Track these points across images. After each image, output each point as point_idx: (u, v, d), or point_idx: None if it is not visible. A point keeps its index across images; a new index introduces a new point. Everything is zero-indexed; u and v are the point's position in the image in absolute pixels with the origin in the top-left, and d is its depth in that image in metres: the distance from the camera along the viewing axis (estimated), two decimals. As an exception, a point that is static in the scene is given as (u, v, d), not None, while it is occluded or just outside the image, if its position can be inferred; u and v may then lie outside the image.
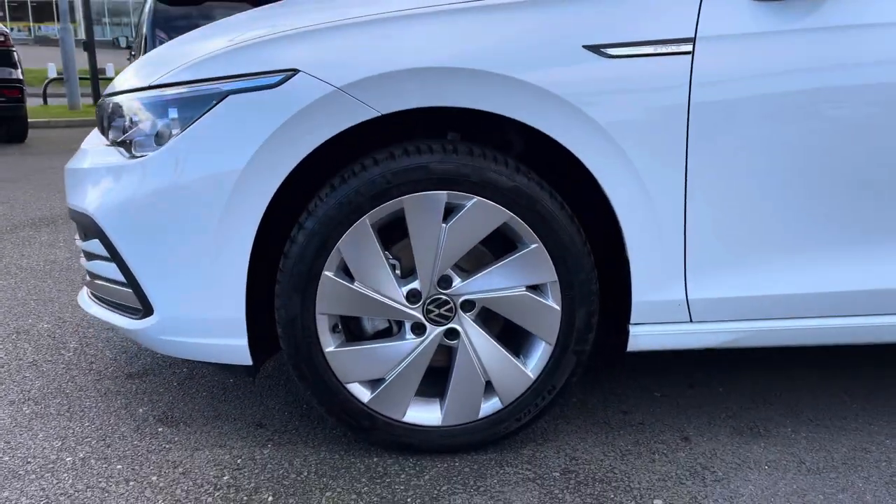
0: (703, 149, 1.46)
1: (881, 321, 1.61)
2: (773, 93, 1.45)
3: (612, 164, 1.46)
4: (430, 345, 1.57)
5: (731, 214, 1.51)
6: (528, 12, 1.47)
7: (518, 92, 1.43)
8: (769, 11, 1.45)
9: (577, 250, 1.53)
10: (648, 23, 1.45)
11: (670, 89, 1.44)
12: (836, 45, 1.45)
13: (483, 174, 1.47)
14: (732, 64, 1.44)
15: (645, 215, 1.50)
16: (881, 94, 1.46)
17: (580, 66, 1.43)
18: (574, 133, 1.45)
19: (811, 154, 1.48)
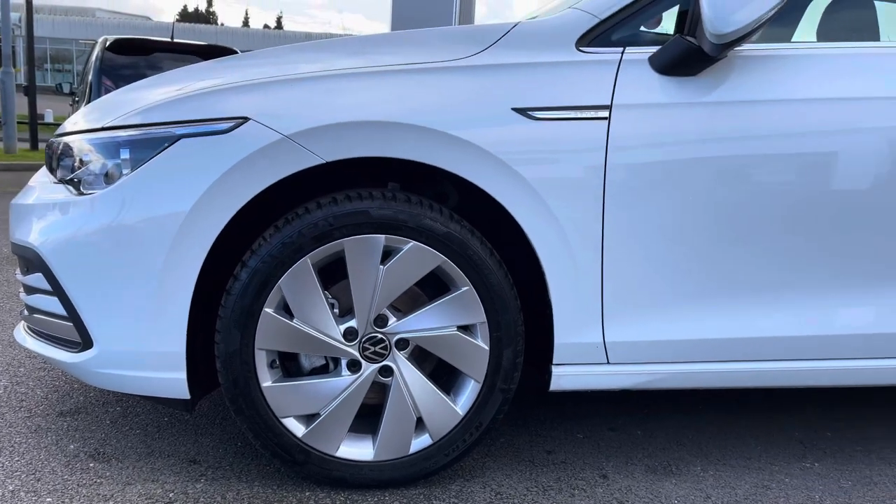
0: (618, 205, 1.62)
1: (777, 366, 1.77)
2: (678, 157, 1.62)
3: (537, 215, 1.60)
4: (364, 381, 1.65)
5: (643, 264, 1.66)
6: (464, 76, 1.62)
7: (453, 147, 1.56)
8: (677, 85, 1.64)
9: (504, 294, 1.64)
10: (571, 90, 1.61)
11: (589, 150, 1.60)
12: (734, 117, 1.64)
13: (419, 221, 1.59)
14: (643, 130, 1.62)
15: (566, 264, 1.63)
16: (771, 164, 1.65)
17: (509, 127, 1.58)
18: (503, 186, 1.59)
19: (711, 212, 1.65)
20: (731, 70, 1.66)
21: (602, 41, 1.68)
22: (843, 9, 2.49)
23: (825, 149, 1.67)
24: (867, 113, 1.68)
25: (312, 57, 1.79)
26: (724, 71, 1.66)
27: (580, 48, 1.66)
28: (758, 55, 1.69)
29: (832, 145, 1.67)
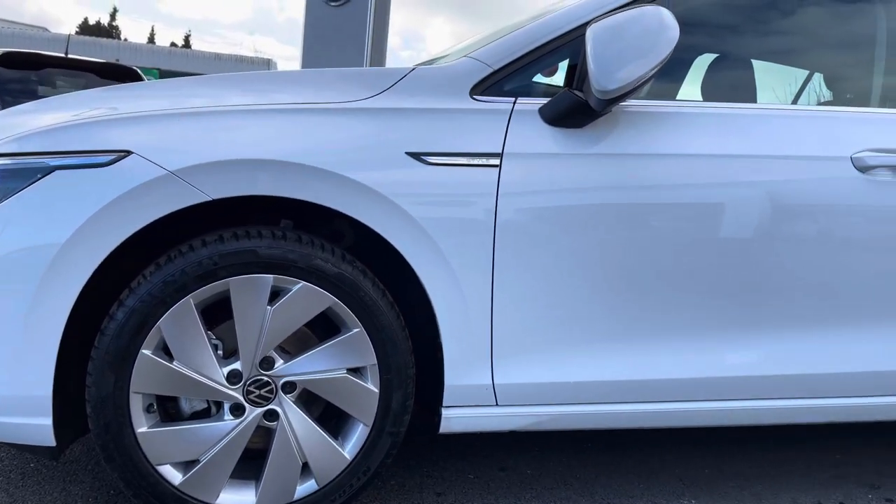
0: (508, 250, 1.65)
1: (660, 408, 1.84)
2: (565, 205, 1.68)
3: (429, 258, 1.61)
4: (248, 426, 1.59)
5: (532, 308, 1.69)
6: (358, 118, 1.62)
7: (345, 188, 1.55)
8: (564, 136, 1.70)
9: (395, 336, 1.64)
10: (464, 137, 1.64)
11: (481, 196, 1.63)
12: (617, 169, 1.72)
13: (309, 261, 1.56)
14: (532, 178, 1.66)
15: (457, 307, 1.65)
16: (652, 214, 1.73)
17: (403, 170, 1.59)
18: (395, 228, 1.59)
19: (596, 258, 1.71)
20: (617, 124, 1.74)
21: (495, 90, 1.73)
22: (723, 69, 2.66)
23: (703, 201, 1.76)
24: (742, 169, 1.79)
25: (208, 91, 1.75)
26: (610, 124, 1.74)
27: (474, 96, 1.71)
28: (642, 111, 1.79)
29: (710, 198, 1.77)
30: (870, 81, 2.10)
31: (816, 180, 1.84)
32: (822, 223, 1.84)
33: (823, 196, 1.84)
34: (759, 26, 2.28)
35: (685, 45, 2.60)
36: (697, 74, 2.63)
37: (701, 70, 2.62)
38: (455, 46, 2.47)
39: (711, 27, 2.25)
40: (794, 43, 2.30)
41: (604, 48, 1.61)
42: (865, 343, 1.93)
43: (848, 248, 1.86)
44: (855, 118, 1.94)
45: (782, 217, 1.81)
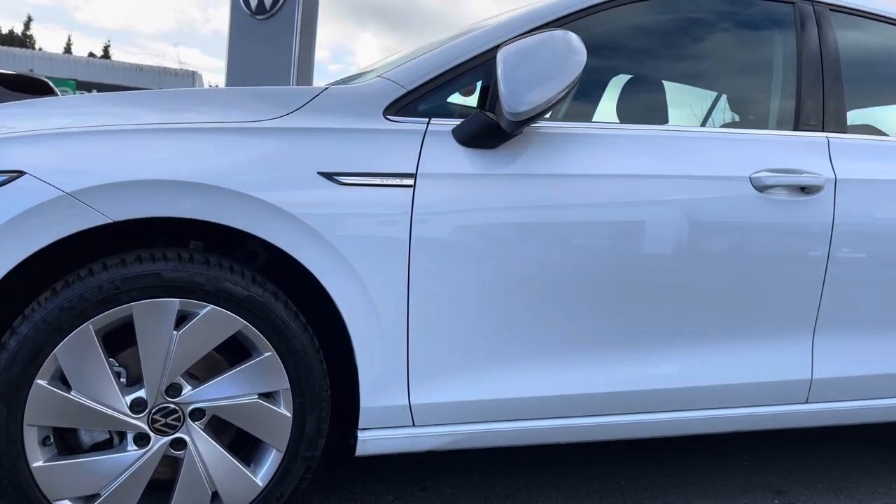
0: (423, 270, 1.65)
1: (577, 423, 1.87)
2: (478, 225, 1.69)
3: (343, 279, 1.60)
4: (153, 456, 1.53)
5: (448, 328, 1.70)
6: (269, 137, 1.60)
7: (255, 209, 1.52)
8: (478, 157, 1.72)
9: (309, 359, 1.61)
10: (378, 157, 1.64)
11: (395, 216, 1.63)
12: (529, 189, 1.74)
13: (218, 283, 1.52)
14: (446, 198, 1.67)
15: (372, 328, 1.63)
16: (564, 233, 1.77)
17: (315, 191, 1.57)
18: (308, 250, 1.57)
19: (510, 277, 1.73)
20: (528, 145, 1.77)
21: (409, 111, 1.73)
22: (636, 91, 2.75)
23: (614, 219, 1.81)
24: (651, 189, 1.85)
25: (114, 110, 1.69)
26: (522, 145, 1.77)
27: (387, 117, 1.71)
28: (554, 132, 1.83)
29: (620, 216, 1.82)
30: (768, 104, 2.21)
31: (719, 199, 1.92)
32: (725, 240, 1.92)
33: (726, 214, 1.92)
34: (670, 50, 2.37)
35: (600, 67, 2.69)
36: (613, 94, 2.71)
37: (616, 90, 2.71)
38: (384, 61, 2.47)
39: (625, 50, 2.33)
40: (701, 66, 2.41)
41: (514, 71, 1.64)
42: (770, 354, 2.02)
43: (750, 263, 1.95)
44: (754, 139, 2.04)
45: (689, 235, 1.88)
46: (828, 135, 2.13)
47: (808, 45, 2.18)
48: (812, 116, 2.13)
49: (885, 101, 2.59)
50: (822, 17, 2.23)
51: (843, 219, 2.03)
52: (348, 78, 2.27)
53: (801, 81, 2.15)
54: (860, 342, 2.11)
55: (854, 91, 2.32)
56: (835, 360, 2.09)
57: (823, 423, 2.16)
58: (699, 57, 2.37)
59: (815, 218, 2.00)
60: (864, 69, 2.42)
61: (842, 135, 2.15)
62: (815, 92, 2.15)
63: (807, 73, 2.15)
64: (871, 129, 2.55)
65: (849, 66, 2.28)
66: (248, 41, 12.52)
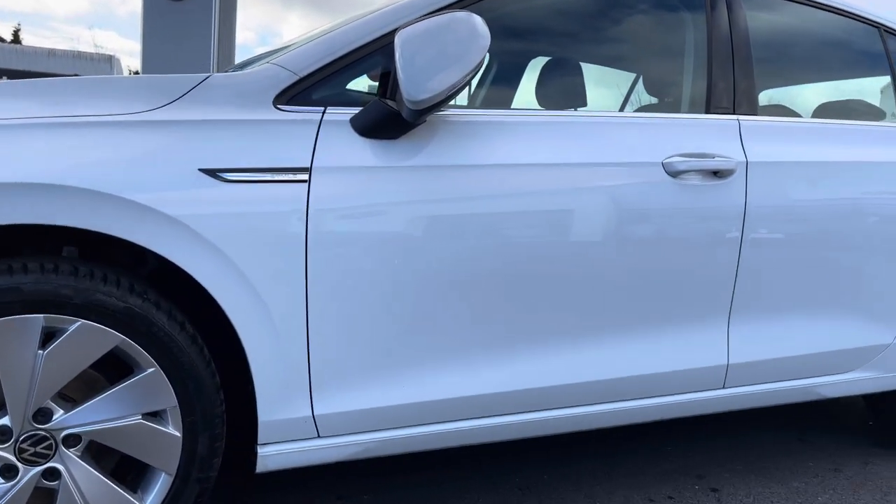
0: (322, 271, 1.54)
1: (490, 423, 1.80)
2: (380, 220, 1.58)
3: (232, 285, 1.46)
4: (23, 490, 1.38)
5: (352, 331, 1.59)
6: (144, 131, 1.44)
7: (128, 212, 1.37)
8: (379, 148, 1.61)
9: (198, 373, 1.48)
10: (268, 151, 1.51)
11: (289, 214, 1.50)
12: (434, 181, 1.64)
13: (89, 296, 1.37)
14: (345, 193, 1.55)
15: (268, 336, 1.51)
16: (473, 225, 1.67)
17: (196, 189, 1.43)
18: (191, 255, 1.43)
19: (417, 274, 1.63)
20: (434, 134, 1.67)
21: (303, 100, 1.60)
22: (554, 74, 2.68)
23: (524, 209, 1.73)
24: (561, 177, 1.77)
25: None
26: (427, 135, 1.66)
27: (278, 106, 1.57)
28: (461, 120, 1.73)
29: (531, 206, 1.74)
30: (681, 87, 2.18)
31: (633, 186, 1.87)
32: (640, 227, 1.87)
33: (640, 201, 1.87)
34: (586, 32, 2.30)
35: (513, 50, 2.61)
36: (532, 78, 2.63)
37: (534, 73, 2.63)
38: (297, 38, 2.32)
39: (538, 32, 2.25)
40: (618, 49, 2.35)
41: (413, 56, 1.53)
42: (687, 341, 2.00)
43: (665, 249, 1.90)
44: (666, 123, 1.99)
45: (603, 223, 1.82)
46: (739, 117, 2.10)
47: (718, 27, 2.15)
48: (723, 99, 2.10)
49: (797, 82, 2.59)
50: (735, 7, 2.20)
51: (754, 201, 2.01)
52: (257, 57, 2.11)
53: (711, 64, 2.11)
54: (774, 325, 2.11)
55: (766, 72, 2.31)
56: (750, 344, 2.08)
57: (741, 407, 2.15)
58: (615, 39, 2.31)
59: (727, 201, 1.98)
60: (776, 50, 2.41)
61: (753, 117, 2.13)
62: (726, 74, 2.12)
63: (717, 56, 2.12)
64: (783, 109, 2.56)
65: (760, 46, 2.27)
66: (164, 23, 11.95)
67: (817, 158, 2.15)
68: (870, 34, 2.55)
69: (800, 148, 2.15)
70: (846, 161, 2.20)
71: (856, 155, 2.23)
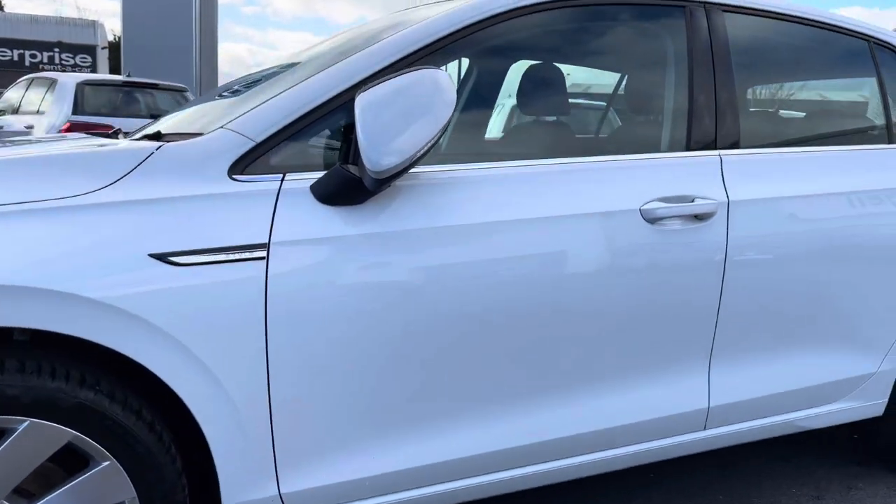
0: (284, 351, 1.48)
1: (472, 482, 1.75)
2: (345, 292, 1.51)
3: (188, 371, 1.40)
4: (-22, 592, 1.34)
5: (317, 407, 1.54)
6: (84, 217, 1.35)
7: (73, 307, 1.30)
8: (341, 216, 1.53)
9: (157, 461, 1.43)
10: (221, 228, 1.43)
11: (245, 295, 1.43)
12: (400, 247, 1.56)
13: (36, 393, 1.31)
14: (306, 266, 1.48)
15: (230, 421, 1.46)
16: (441, 291, 1.60)
17: (145, 276, 1.36)
18: (143, 345, 1.36)
19: (385, 345, 1.57)
20: (398, 195, 1.59)
21: (260, 167, 1.52)
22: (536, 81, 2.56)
23: (497, 270, 1.66)
24: (538, 233, 1.71)
25: None
26: (391, 197, 1.58)
27: (233, 176, 1.49)
28: (428, 179, 1.64)
29: (508, 267, 1.67)
30: (661, 122, 2.08)
31: (609, 235, 1.80)
32: (619, 278, 1.81)
33: (617, 251, 1.81)
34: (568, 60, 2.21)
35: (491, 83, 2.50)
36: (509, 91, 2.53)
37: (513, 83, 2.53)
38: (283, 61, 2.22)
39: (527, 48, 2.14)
40: (598, 78, 2.26)
41: (374, 122, 1.44)
42: (668, 388, 1.95)
43: (645, 298, 1.85)
44: (644, 166, 1.91)
45: (581, 276, 1.76)
46: (721, 153, 2.02)
47: (699, 57, 2.05)
48: (705, 134, 2.01)
49: (785, 105, 2.50)
50: (715, 22, 2.10)
51: (736, 242, 1.94)
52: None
53: (692, 97, 2.02)
54: (756, 364, 2.07)
55: (753, 97, 2.23)
56: (730, 387, 2.04)
57: (721, 446, 2.13)
58: (596, 68, 2.22)
59: (707, 244, 1.91)
60: (762, 71, 2.32)
61: (736, 152, 2.05)
62: (708, 108, 2.03)
63: (698, 88, 2.03)
64: (771, 120, 2.48)
65: (744, 69, 2.18)
66: (145, -3, 11.65)
67: (802, 192, 2.07)
68: (859, 47, 2.45)
69: (784, 181, 2.08)
70: (833, 192, 2.13)
71: (842, 185, 2.16)
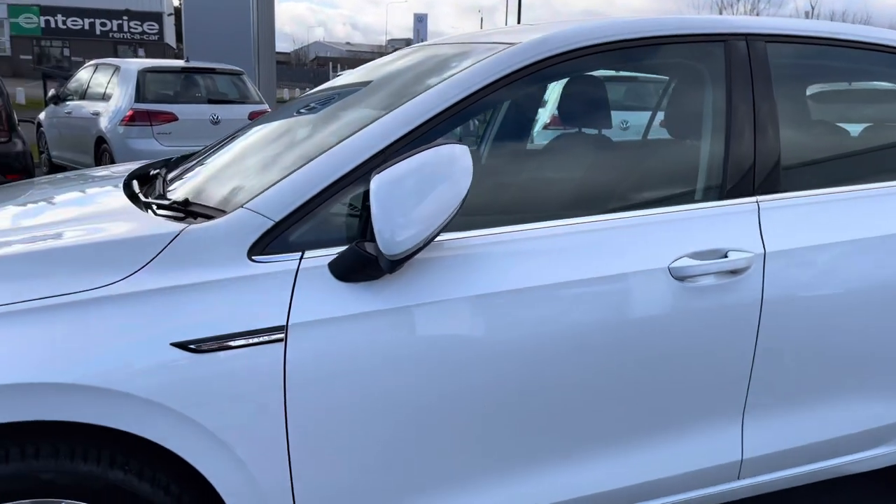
0: (303, 428, 1.51)
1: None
2: (365, 372, 1.53)
3: (212, 454, 1.45)
4: None
5: (336, 483, 1.57)
6: (108, 309, 1.40)
7: (102, 399, 1.36)
8: (359, 292, 1.53)
9: (185, 532, 1.49)
10: (239, 313, 1.46)
11: (264, 378, 1.46)
12: (425, 319, 1.57)
13: (69, 477, 1.39)
14: (325, 347, 1.50)
15: (254, 497, 1.50)
16: (464, 363, 1.60)
17: (167, 365, 1.40)
18: (169, 430, 1.41)
19: (410, 422, 1.59)
20: (420, 266, 1.59)
21: (279, 246, 1.54)
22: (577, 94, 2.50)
23: (523, 337, 1.65)
24: (568, 297, 1.69)
25: None
26: (411, 271, 1.58)
27: (253, 258, 1.52)
28: (449, 248, 1.63)
29: (530, 334, 1.66)
30: (696, 169, 2.00)
31: (638, 296, 1.76)
32: (648, 339, 1.77)
33: (647, 311, 1.77)
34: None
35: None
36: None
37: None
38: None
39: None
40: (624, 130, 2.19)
41: (388, 203, 1.44)
42: (699, 443, 1.92)
43: (676, 355, 1.81)
44: (674, 219, 1.85)
45: (610, 339, 1.73)
46: (759, 199, 1.93)
47: (738, 96, 1.96)
48: (742, 180, 1.93)
49: (837, 140, 2.36)
50: (757, 56, 1.99)
51: (772, 296, 1.87)
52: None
53: (729, 142, 1.94)
54: (792, 416, 2.01)
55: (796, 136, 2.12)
56: (764, 438, 1.99)
57: (756, 494, 2.09)
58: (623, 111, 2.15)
59: (741, 300, 1.85)
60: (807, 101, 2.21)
61: (775, 196, 1.95)
62: (746, 151, 1.94)
63: (736, 131, 1.94)
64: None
65: (790, 101, 2.08)
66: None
67: (847, 237, 1.97)
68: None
69: (827, 225, 1.97)
70: (881, 235, 2.02)
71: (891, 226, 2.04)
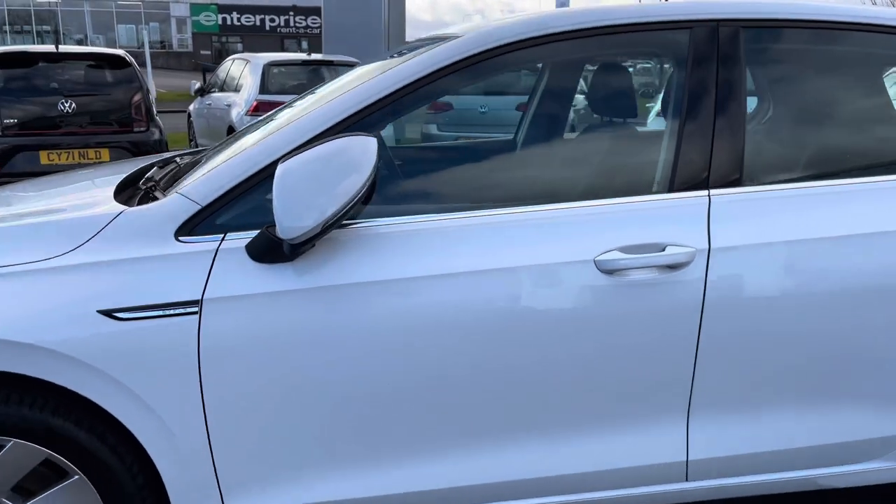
0: (217, 390, 1.66)
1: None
2: (271, 344, 1.67)
3: (137, 413, 1.64)
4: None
5: (250, 446, 1.72)
6: (52, 278, 1.62)
7: (42, 357, 1.58)
8: (272, 273, 1.67)
9: (119, 478, 1.69)
10: (159, 286, 1.64)
11: (179, 346, 1.63)
12: (331, 301, 1.68)
13: (15, 419, 1.62)
14: (236, 322, 1.65)
15: (173, 451, 1.68)
16: (369, 343, 1.70)
17: (96, 329, 1.60)
18: (97, 388, 1.61)
19: (315, 388, 1.71)
20: (335, 250, 1.69)
21: (205, 228, 1.70)
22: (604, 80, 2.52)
23: (438, 326, 1.72)
24: (484, 287, 1.74)
25: None
26: (327, 252, 1.68)
27: (179, 238, 1.69)
28: (366, 232, 1.73)
29: (445, 322, 1.72)
30: (644, 161, 1.95)
31: (562, 289, 1.77)
32: (572, 332, 1.78)
33: (571, 305, 1.78)
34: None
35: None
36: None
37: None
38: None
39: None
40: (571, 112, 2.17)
41: (289, 190, 1.57)
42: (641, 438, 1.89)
43: (603, 352, 1.80)
44: (609, 211, 1.83)
45: (531, 331, 1.76)
46: (711, 192, 1.86)
47: (698, 81, 1.89)
48: (693, 172, 1.86)
49: (812, 121, 2.18)
50: (727, 40, 1.90)
51: (715, 293, 1.80)
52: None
53: (683, 126, 1.87)
54: (742, 422, 1.91)
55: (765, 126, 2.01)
56: (714, 441, 1.91)
57: (712, 497, 2.01)
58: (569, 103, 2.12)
59: (681, 295, 1.79)
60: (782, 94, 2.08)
61: (730, 191, 1.86)
62: (703, 140, 1.87)
63: (692, 119, 1.87)
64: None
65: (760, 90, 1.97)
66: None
67: (805, 235, 1.83)
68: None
69: (786, 223, 1.84)
70: (840, 236, 1.87)
71: (864, 224, 1.88)
